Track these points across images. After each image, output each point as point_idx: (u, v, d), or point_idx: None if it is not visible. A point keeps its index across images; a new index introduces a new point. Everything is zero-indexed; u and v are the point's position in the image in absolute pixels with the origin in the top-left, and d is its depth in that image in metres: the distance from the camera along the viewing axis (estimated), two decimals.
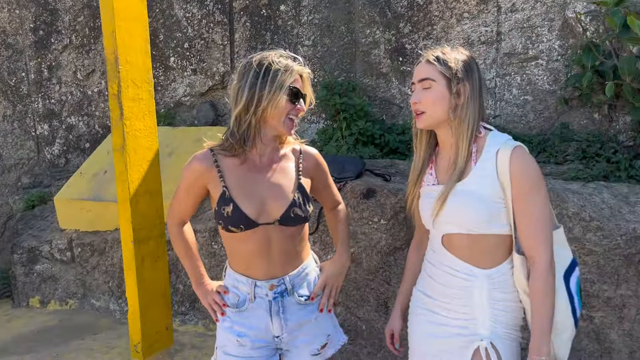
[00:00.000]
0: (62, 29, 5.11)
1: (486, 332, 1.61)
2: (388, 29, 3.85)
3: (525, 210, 1.55)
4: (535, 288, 1.56)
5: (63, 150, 5.27)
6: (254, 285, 1.73)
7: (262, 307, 1.74)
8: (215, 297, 1.77)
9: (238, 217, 1.65)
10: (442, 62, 1.59)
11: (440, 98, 1.59)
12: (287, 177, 1.74)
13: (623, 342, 2.44)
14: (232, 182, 1.69)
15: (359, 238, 2.82)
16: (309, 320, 1.78)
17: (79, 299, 3.86)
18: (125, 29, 2.73)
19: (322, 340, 1.81)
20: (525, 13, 3.42)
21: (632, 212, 2.48)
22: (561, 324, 1.61)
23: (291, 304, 1.76)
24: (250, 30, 4.32)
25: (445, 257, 1.66)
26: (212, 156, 1.72)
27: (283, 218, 1.69)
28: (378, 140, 3.73)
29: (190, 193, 1.77)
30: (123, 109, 2.75)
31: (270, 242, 1.70)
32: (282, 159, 1.77)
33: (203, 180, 1.72)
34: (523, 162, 1.56)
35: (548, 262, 1.55)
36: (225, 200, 1.67)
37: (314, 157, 1.84)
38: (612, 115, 3.22)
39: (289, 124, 1.69)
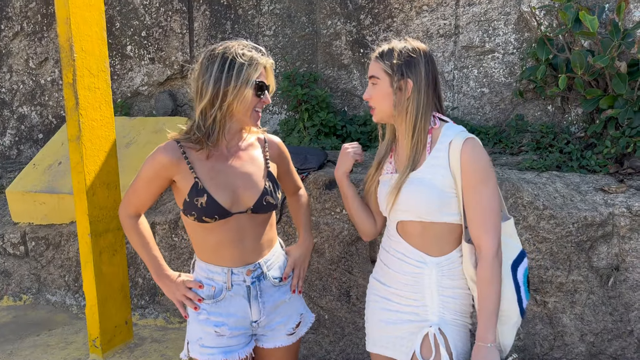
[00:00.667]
0: (12, 15, 4.91)
1: (435, 318, 1.67)
2: (349, 21, 3.86)
3: (474, 200, 1.60)
4: (481, 276, 1.61)
5: (15, 141, 5.08)
6: (231, 273, 1.74)
7: (240, 294, 1.76)
8: (188, 293, 1.75)
9: (212, 208, 1.66)
10: (385, 60, 1.65)
11: (385, 94, 1.66)
12: (256, 165, 1.77)
13: (575, 325, 2.54)
14: (203, 173, 1.69)
15: (321, 228, 2.83)
16: (284, 300, 1.84)
17: (34, 294, 3.75)
18: (81, 16, 2.65)
19: (296, 319, 1.87)
20: (483, 7, 3.48)
21: (583, 201, 2.57)
22: (506, 312, 1.67)
23: (267, 287, 1.80)
24: (210, 19, 4.26)
25: (399, 244, 1.72)
26: (179, 147, 1.70)
27: (256, 206, 1.72)
28: (340, 131, 3.75)
29: (152, 185, 1.73)
30: (78, 98, 2.67)
31: (243, 230, 1.73)
32: (248, 148, 1.79)
33: (169, 172, 1.70)
34: (473, 153, 1.61)
35: (494, 251, 1.61)
36: (198, 192, 1.67)
37: (277, 145, 1.88)
38: (564, 108, 3.33)
39: (255, 117, 1.71)
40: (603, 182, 2.70)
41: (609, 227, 2.49)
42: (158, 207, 3.44)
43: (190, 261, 3.15)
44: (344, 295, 2.84)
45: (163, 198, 3.52)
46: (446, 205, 1.63)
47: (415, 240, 1.68)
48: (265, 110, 4.18)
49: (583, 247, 2.50)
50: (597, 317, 2.52)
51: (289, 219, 2.88)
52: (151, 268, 1.81)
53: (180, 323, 3.26)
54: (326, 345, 2.89)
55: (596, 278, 2.51)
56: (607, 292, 2.51)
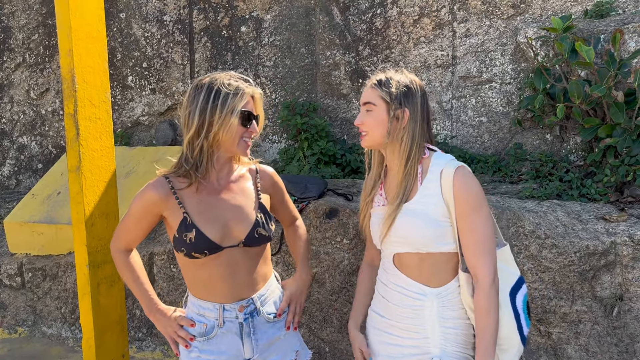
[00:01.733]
0: (15, 46, 4.96)
1: (437, 351, 1.64)
2: (348, 52, 3.91)
3: (468, 228, 1.60)
4: (478, 305, 1.60)
5: (14, 171, 5.08)
6: (222, 309, 1.70)
7: (232, 331, 1.71)
8: (180, 332, 1.72)
9: (201, 242, 1.63)
10: (383, 87, 1.66)
11: (380, 121, 1.65)
12: (247, 197, 1.74)
13: (580, 356, 2.50)
14: (192, 207, 1.67)
15: (321, 258, 2.81)
16: (278, 337, 1.79)
17: (30, 326, 3.69)
18: (83, 48, 2.68)
19: (291, 356, 1.82)
20: (479, 38, 3.54)
21: (585, 230, 2.56)
22: (507, 340, 1.65)
23: (261, 323, 1.75)
24: (210, 51, 4.31)
25: (396, 276, 1.70)
26: (167, 183, 1.68)
27: (247, 239, 1.68)
28: (339, 160, 3.76)
29: (142, 221, 1.71)
30: (79, 129, 2.68)
31: (235, 265, 1.69)
32: (239, 180, 1.77)
33: (158, 208, 1.68)
34: (465, 181, 1.61)
35: (491, 279, 1.60)
36: (187, 227, 1.64)
37: (270, 175, 1.85)
38: (563, 136, 3.34)
39: (243, 146, 1.69)
40: (604, 210, 2.69)
41: (611, 256, 2.47)
42: (157, 237, 3.41)
43: None
44: (345, 326, 2.80)
45: (162, 228, 3.50)
46: (441, 235, 1.62)
47: (413, 272, 1.66)
48: (265, 139, 4.19)
49: (586, 277, 2.48)
50: (602, 348, 2.48)
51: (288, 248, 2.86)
52: (143, 303, 1.77)
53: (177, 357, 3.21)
54: None
55: (600, 308, 2.48)
56: (611, 323, 2.48)
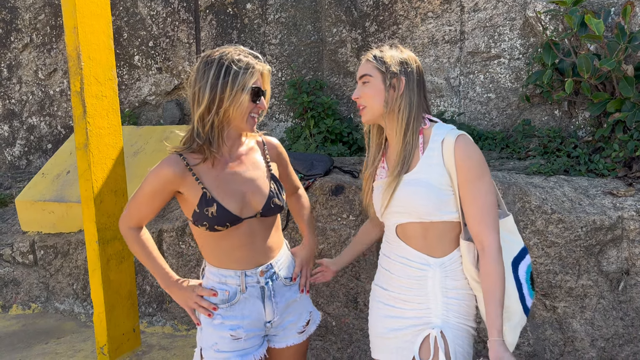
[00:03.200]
0: (22, 27, 4.97)
1: (438, 321, 1.64)
2: (354, 28, 3.87)
3: (471, 196, 1.61)
4: (485, 272, 1.60)
5: (24, 152, 5.13)
6: (244, 276, 1.76)
7: (254, 295, 1.78)
8: (202, 302, 1.74)
9: (223, 216, 1.68)
10: (378, 59, 1.67)
11: (377, 91, 1.66)
12: (259, 169, 1.80)
13: (585, 330, 2.51)
14: (209, 183, 1.70)
15: (328, 234, 2.83)
16: (295, 299, 1.87)
17: (43, 302, 3.76)
18: (88, 25, 2.68)
19: (306, 317, 1.90)
20: (488, 13, 3.49)
21: (592, 205, 2.55)
22: (508, 309, 1.66)
23: (279, 287, 1.83)
24: (216, 29, 4.29)
25: (400, 248, 1.71)
26: (182, 160, 1.70)
27: (264, 209, 1.75)
28: (346, 138, 3.75)
29: (155, 199, 1.73)
30: (86, 106, 2.70)
31: (253, 234, 1.76)
32: (249, 152, 1.81)
33: (174, 186, 1.70)
34: (466, 149, 1.62)
35: (496, 246, 1.60)
36: (207, 202, 1.68)
37: (276, 146, 1.91)
38: (571, 112, 3.31)
39: (251, 122, 1.71)
40: (611, 185, 2.68)
41: (618, 231, 2.46)
42: (165, 214, 3.45)
43: (197, 268, 3.16)
44: (352, 301, 2.83)
45: (170, 205, 3.53)
46: (444, 204, 1.63)
47: (417, 243, 1.67)
48: (272, 118, 4.19)
49: (592, 251, 2.48)
50: (607, 322, 2.49)
51: (295, 225, 2.88)
52: (159, 277, 1.80)
53: (187, 330, 3.26)
54: (334, 352, 2.87)
55: (606, 282, 2.48)
56: (617, 297, 2.48)
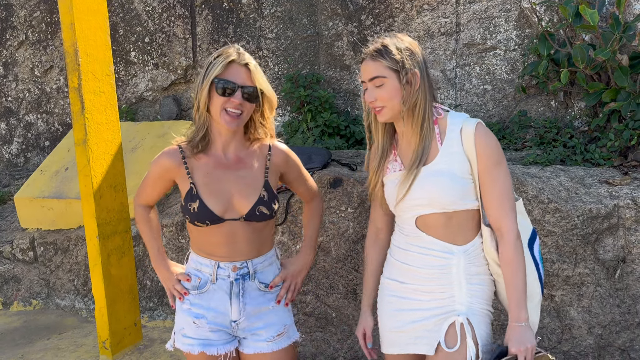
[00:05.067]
0: (17, 24, 4.96)
1: (463, 308, 1.64)
2: (350, 21, 3.88)
3: (490, 183, 1.61)
4: (507, 258, 1.62)
5: (22, 149, 5.13)
6: (217, 267, 1.78)
7: (223, 289, 1.78)
8: (177, 285, 1.82)
9: (203, 213, 1.70)
10: (386, 56, 1.60)
11: (395, 92, 1.61)
12: (253, 174, 1.77)
13: (582, 318, 2.54)
14: (199, 178, 1.73)
15: (327, 227, 2.85)
16: (267, 307, 1.82)
17: (43, 299, 3.78)
18: (85, 21, 2.68)
19: (279, 328, 1.84)
20: (483, 4, 3.50)
21: (588, 194, 2.58)
22: (530, 289, 1.68)
23: (251, 289, 1.80)
24: (212, 24, 4.29)
25: (419, 238, 1.68)
26: (180, 153, 1.77)
27: (248, 215, 1.74)
28: (343, 131, 3.77)
29: (157, 184, 1.85)
30: (84, 102, 2.70)
31: (235, 235, 1.75)
32: (249, 156, 1.80)
33: (170, 175, 1.79)
34: (486, 137, 1.62)
35: (516, 231, 1.62)
36: (192, 197, 1.72)
37: (283, 153, 1.85)
38: (567, 102, 3.33)
39: (225, 118, 1.67)
40: (607, 174, 2.70)
41: (614, 219, 2.49)
42: (165, 209, 3.46)
43: None
44: (351, 293, 2.85)
45: (169, 200, 3.54)
46: (467, 192, 1.63)
47: (440, 232, 1.65)
48: None
49: (589, 240, 2.51)
50: (604, 310, 2.52)
51: (294, 217, 2.89)
52: (152, 255, 1.91)
53: None
54: (334, 343, 2.90)
55: (603, 270, 2.51)
56: (614, 284, 2.51)
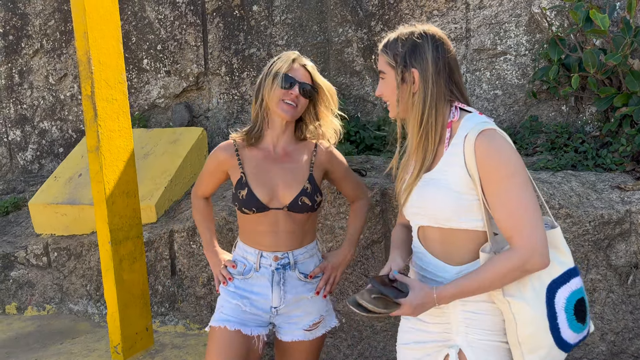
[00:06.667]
0: (32, 33, 5.04)
1: (458, 339, 1.47)
2: (360, 28, 3.90)
3: (498, 200, 1.36)
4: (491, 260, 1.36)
5: (36, 156, 5.20)
6: (260, 256, 1.90)
7: (265, 276, 1.90)
8: (223, 270, 1.97)
9: (250, 201, 1.84)
10: (388, 50, 1.50)
11: (393, 89, 1.50)
12: (299, 167, 1.92)
13: (595, 325, 2.52)
14: (249, 169, 1.89)
15: (336, 232, 2.85)
16: (306, 296, 1.94)
17: (57, 303, 3.82)
18: (98, 30, 2.73)
19: (315, 317, 1.96)
20: (493, 10, 3.50)
21: (600, 199, 2.56)
22: (532, 339, 1.39)
23: (291, 278, 1.92)
24: (223, 31, 4.33)
25: (419, 252, 1.56)
26: (233, 145, 1.95)
27: (291, 205, 1.87)
28: (353, 137, 3.77)
29: (212, 176, 2.02)
30: (97, 109, 2.74)
31: (278, 224, 1.88)
32: (296, 151, 1.95)
33: (224, 166, 1.96)
34: (491, 146, 1.37)
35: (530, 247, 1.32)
36: (241, 185, 1.87)
37: (328, 151, 2.01)
38: (578, 107, 3.32)
39: (284, 107, 1.86)
40: (619, 179, 2.68)
41: (626, 225, 2.47)
42: (176, 215, 3.49)
43: (207, 268, 3.20)
44: None
45: (181, 206, 3.57)
46: (465, 210, 1.41)
47: (437, 248, 1.49)
48: None
49: (601, 246, 2.49)
50: (617, 316, 2.49)
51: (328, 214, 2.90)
52: (204, 242, 2.08)
53: (199, 329, 3.30)
54: (344, 349, 2.90)
55: (615, 276, 2.49)
56: (626, 291, 2.48)
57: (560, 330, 1.39)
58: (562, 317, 1.39)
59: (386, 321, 2.82)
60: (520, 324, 1.39)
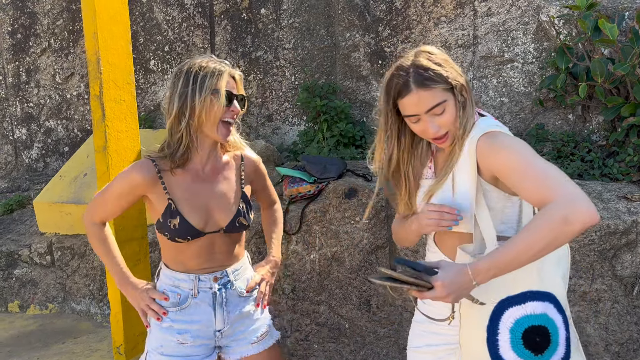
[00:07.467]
0: (40, 32, 5.06)
1: None
2: (367, 33, 3.90)
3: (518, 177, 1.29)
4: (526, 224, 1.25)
5: (42, 154, 5.21)
6: (197, 280, 1.75)
7: (206, 301, 1.76)
8: (153, 305, 1.73)
9: (185, 229, 1.68)
10: (433, 79, 1.40)
11: (455, 111, 1.43)
12: (230, 186, 1.78)
13: (599, 335, 2.51)
14: (177, 194, 1.69)
15: (341, 237, 2.85)
16: (249, 311, 1.84)
17: (59, 303, 3.82)
18: (107, 31, 2.73)
19: (262, 329, 1.87)
20: (501, 17, 3.50)
21: (606, 209, 2.55)
22: (468, 344, 1.45)
23: (233, 296, 1.81)
24: (231, 34, 4.34)
25: (435, 256, 1.56)
26: (154, 166, 1.69)
27: (228, 227, 1.75)
28: (359, 141, 3.78)
29: (122, 200, 1.73)
30: (105, 110, 2.75)
31: (213, 247, 1.76)
32: (224, 167, 1.80)
33: (141, 190, 1.70)
34: (491, 146, 1.36)
35: (567, 195, 1.19)
36: (171, 214, 1.68)
37: (254, 163, 1.88)
38: (585, 116, 3.31)
39: (222, 130, 1.68)
40: (626, 190, 2.68)
41: (632, 235, 2.46)
42: None
43: None
44: (364, 304, 2.85)
45: None
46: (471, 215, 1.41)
47: (452, 253, 1.48)
48: (285, 122, 4.23)
49: (606, 256, 2.48)
50: (622, 327, 2.48)
51: (309, 227, 2.90)
52: (115, 275, 1.79)
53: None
54: (347, 355, 2.89)
55: (620, 287, 2.48)
56: (632, 301, 2.48)
57: (500, 348, 1.38)
58: (505, 337, 1.37)
59: (389, 327, 2.82)
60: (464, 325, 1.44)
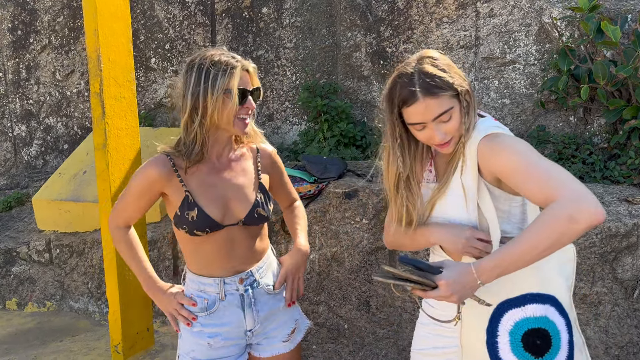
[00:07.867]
0: (40, 29, 5.05)
1: None
2: (369, 33, 3.89)
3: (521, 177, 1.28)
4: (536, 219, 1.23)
5: (41, 152, 5.20)
6: (223, 283, 1.73)
7: (234, 303, 1.74)
8: (182, 311, 1.72)
9: (203, 221, 1.66)
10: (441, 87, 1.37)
11: (460, 117, 1.40)
12: (247, 177, 1.76)
13: (599, 338, 2.50)
14: (194, 186, 1.68)
15: (341, 237, 2.84)
16: (278, 308, 1.81)
17: (57, 300, 3.81)
18: (108, 28, 2.72)
19: (291, 325, 1.85)
20: (503, 18, 3.49)
21: (607, 212, 2.55)
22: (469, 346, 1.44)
23: (260, 295, 1.78)
24: (232, 32, 4.33)
25: (439, 257, 1.54)
26: (169, 161, 1.68)
27: (247, 218, 1.71)
28: (359, 142, 3.77)
29: (142, 198, 1.72)
30: (105, 107, 2.74)
31: (234, 241, 1.72)
32: (240, 159, 1.78)
33: (159, 186, 1.69)
34: (492, 148, 1.34)
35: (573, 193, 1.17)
36: (189, 205, 1.66)
37: (270, 155, 1.85)
38: (587, 118, 3.30)
39: (239, 125, 1.66)
40: (627, 192, 2.67)
41: (633, 238, 2.45)
42: None
43: None
44: (364, 304, 2.84)
45: None
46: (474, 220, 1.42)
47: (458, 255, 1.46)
48: (285, 121, 4.22)
49: (607, 259, 2.47)
50: (622, 330, 2.48)
51: (309, 227, 2.89)
52: (142, 280, 1.78)
53: None
54: (345, 355, 2.88)
55: (621, 290, 2.47)
56: (632, 304, 2.47)
57: (499, 350, 1.37)
58: (505, 339, 1.37)
59: (388, 328, 2.81)
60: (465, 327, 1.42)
